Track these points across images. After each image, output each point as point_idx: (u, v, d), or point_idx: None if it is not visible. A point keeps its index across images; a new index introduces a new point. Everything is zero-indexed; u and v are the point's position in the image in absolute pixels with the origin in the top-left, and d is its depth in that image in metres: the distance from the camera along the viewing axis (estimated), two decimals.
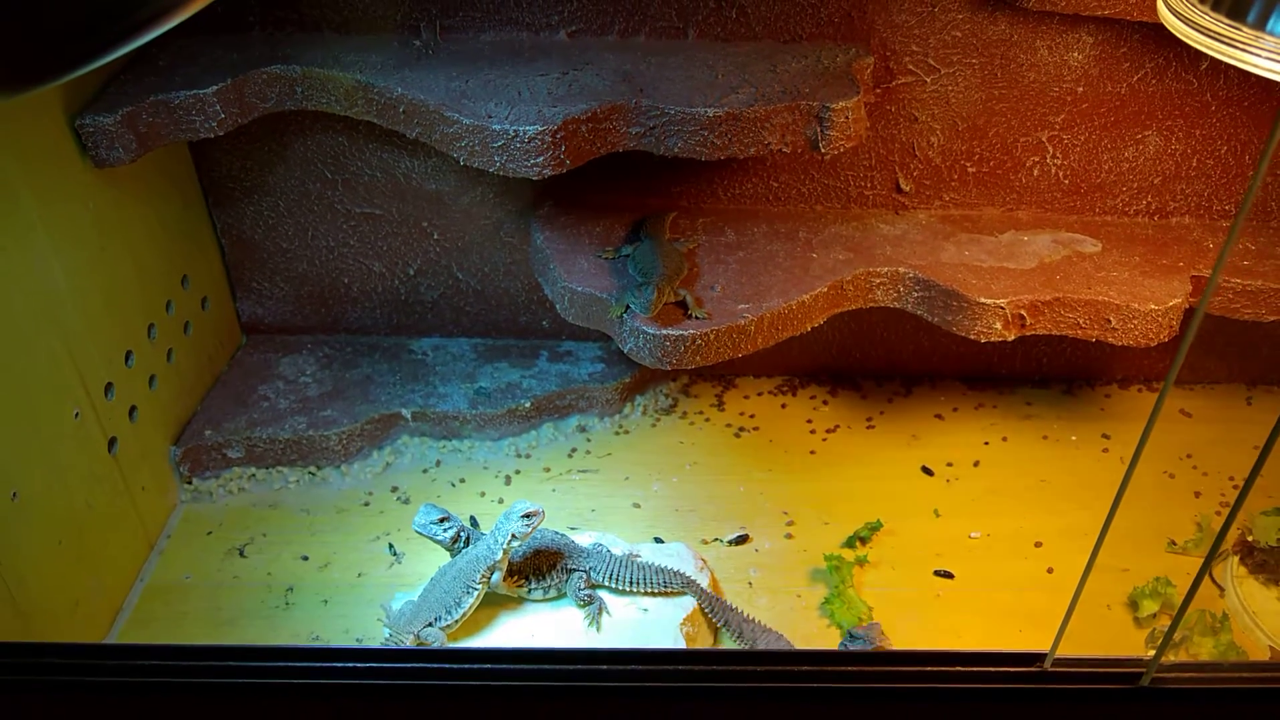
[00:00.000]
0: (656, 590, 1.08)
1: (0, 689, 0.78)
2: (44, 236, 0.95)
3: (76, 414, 1.01)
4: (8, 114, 0.89)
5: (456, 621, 1.03)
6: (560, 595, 1.08)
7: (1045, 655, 0.79)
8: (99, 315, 1.05)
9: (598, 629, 1.05)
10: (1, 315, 0.89)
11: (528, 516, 1.04)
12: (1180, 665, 0.80)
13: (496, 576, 1.05)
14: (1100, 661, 0.80)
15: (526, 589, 1.07)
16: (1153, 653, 0.83)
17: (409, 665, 0.77)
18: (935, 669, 0.80)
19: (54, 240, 0.96)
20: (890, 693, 0.78)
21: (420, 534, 1.09)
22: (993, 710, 0.79)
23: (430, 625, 1.03)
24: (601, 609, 1.06)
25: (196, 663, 0.78)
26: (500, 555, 1.04)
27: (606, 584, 1.08)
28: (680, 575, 1.08)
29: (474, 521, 1.18)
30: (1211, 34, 0.71)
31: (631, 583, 1.07)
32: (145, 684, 0.78)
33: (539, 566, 1.07)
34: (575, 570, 1.07)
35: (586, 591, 1.06)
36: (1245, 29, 0.69)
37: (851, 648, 1.03)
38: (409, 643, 1.01)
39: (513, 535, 1.04)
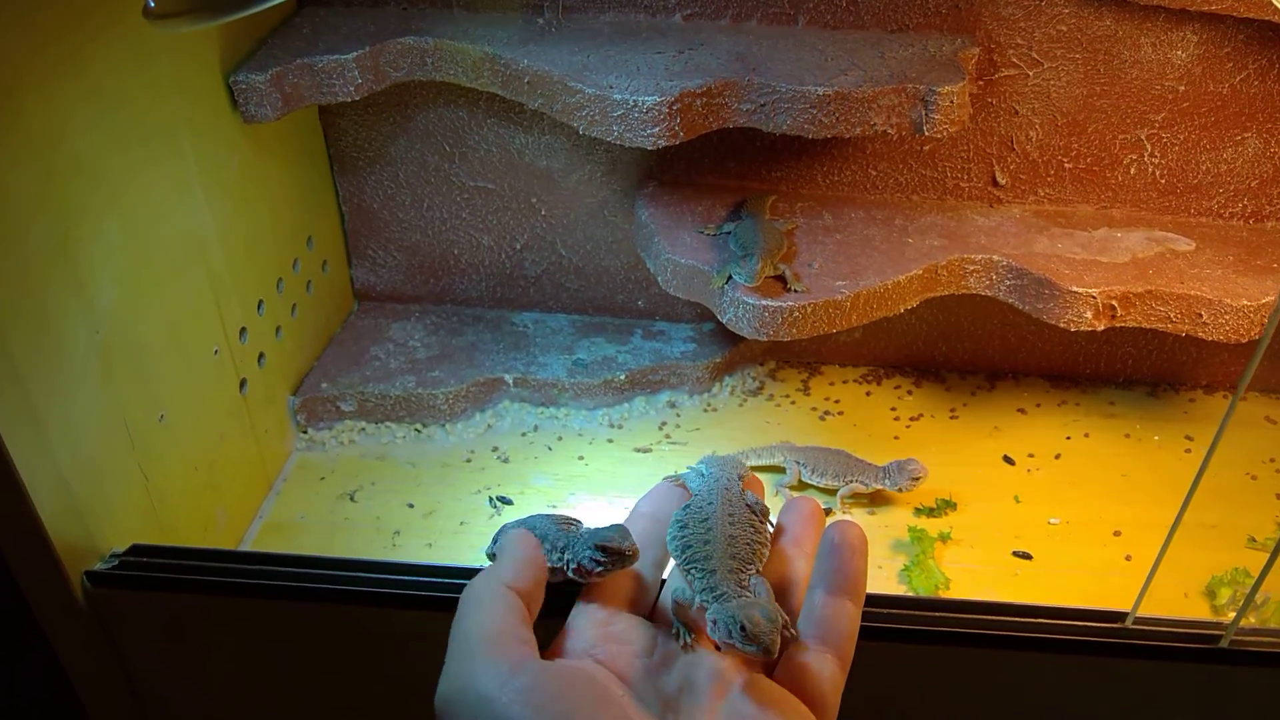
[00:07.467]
0: None
1: (150, 586, 0.85)
2: (198, 178, 1.03)
3: (216, 351, 1.09)
4: (176, 62, 0.97)
5: None
6: None
7: (1127, 614, 0.82)
8: (239, 261, 1.13)
9: None
10: (160, 244, 0.97)
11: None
12: (1260, 630, 0.81)
13: None
14: (1180, 622, 0.82)
15: None
16: (1232, 615, 0.85)
17: None
18: (1018, 619, 0.83)
19: (205, 183, 1.04)
20: (969, 638, 0.81)
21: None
22: (1075, 661, 0.82)
23: None
24: None
25: (326, 571, 0.85)
26: None
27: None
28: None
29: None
30: None
31: None
32: (276, 587, 0.85)
33: None
34: None
35: None
36: None
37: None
38: None
39: None
